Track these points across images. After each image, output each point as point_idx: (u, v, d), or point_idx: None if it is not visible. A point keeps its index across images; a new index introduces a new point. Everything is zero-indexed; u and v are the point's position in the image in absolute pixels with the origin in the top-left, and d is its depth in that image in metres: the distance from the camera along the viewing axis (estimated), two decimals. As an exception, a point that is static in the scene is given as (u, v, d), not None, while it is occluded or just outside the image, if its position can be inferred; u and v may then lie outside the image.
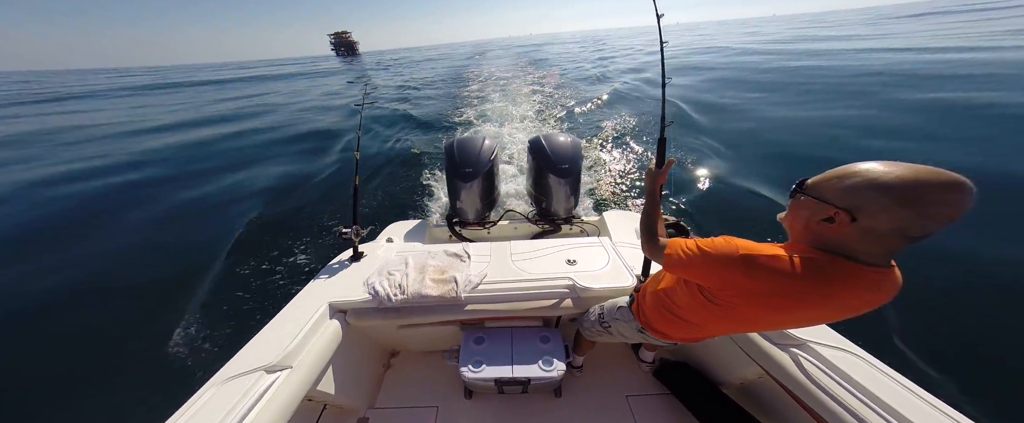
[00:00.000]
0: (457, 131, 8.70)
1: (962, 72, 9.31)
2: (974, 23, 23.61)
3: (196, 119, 12.69)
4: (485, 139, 2.71)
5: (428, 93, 14.47)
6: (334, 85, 23.46)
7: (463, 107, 11.45)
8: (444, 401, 1.86)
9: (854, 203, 0.69)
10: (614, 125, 8.14)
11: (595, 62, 22.81)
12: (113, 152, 8.59)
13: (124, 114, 15.53)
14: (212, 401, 1.14)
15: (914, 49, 14.38)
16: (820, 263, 0.75)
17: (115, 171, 7.18)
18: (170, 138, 9.61)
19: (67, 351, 2.96)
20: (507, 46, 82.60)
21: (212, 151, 8.16)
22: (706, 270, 0.89)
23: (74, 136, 11.01)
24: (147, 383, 2.60)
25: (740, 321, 0.95)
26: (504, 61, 31.08)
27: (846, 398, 1.09)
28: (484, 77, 19.66)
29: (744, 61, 16.65)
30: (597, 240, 2.09)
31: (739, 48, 22.68)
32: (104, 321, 3.26)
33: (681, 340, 1.22)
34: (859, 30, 27.67)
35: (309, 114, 10.73)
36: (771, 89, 10.31)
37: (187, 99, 20.50)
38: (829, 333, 1.33)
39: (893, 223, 0.66)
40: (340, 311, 1.67)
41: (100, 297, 3.55)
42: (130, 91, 28.32)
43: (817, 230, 0.77)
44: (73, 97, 25.89)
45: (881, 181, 0.66)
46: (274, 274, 3.73)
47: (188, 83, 34.27)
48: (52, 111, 18.09)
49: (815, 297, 0.76)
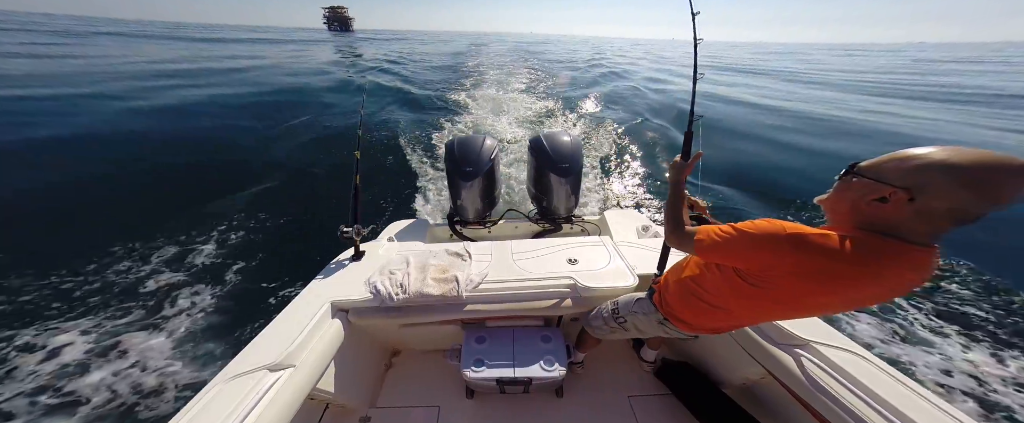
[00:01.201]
0: (457, 126, 8.71)
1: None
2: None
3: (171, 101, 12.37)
4: (486, 138, 2.71)
5: (429, 91, 14.45)
6: (326, 64, 21.85)
7: (463, 100, 11.49)
8: (446, 400, 1.87)
9: (916, 182, 0.71)
10: (614, 123, 8.14)
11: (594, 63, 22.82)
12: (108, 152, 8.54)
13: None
14: (215, 400, 1.14)
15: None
16: (871, 243, 0.76)
17: (115, 172, 7.17)
18: (159, 123, 9.47)
19: (65, 349, 2.96)
20: (504, 40, 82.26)
21: (206, 147, 8.12)
22: (749, 251, 0.90)
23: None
24: (147, 384, 2.60)
25: (778, 302, 0.94)
26: (502, 51, 30.89)
27: (849, 398, 1.09)
28: (482, 68, 19.69)
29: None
30: (598, 239, 2.09)
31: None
32: (103, 320, 3.26)
33: (708, 329, 1.21)
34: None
35: (309, 111, 10.73)
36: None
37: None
38: (832, 333, 1.33)
39: (952, 204, 0.68)
40: (342, 310, 1.67)
41: (100, 296, 3.55)
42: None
43: (866, 210, 0.78)
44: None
45: (949, 163, 0.68)
46: (275, 274, 3.74)
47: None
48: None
49: (866, 276, 0.77)
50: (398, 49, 36.98)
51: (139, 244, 4.35)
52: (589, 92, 12.68)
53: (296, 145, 8.29)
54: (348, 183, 2.09)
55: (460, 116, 9.99)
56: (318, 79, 15.08)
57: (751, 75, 17.92)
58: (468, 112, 10.32)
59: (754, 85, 14.71)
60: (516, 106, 10.86)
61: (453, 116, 10.15)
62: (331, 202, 5.27)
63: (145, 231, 4.81)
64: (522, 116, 9.66)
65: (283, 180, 6.23)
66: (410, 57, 26.40)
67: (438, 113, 10.32)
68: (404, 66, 21.42)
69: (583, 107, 10.36)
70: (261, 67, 17.72)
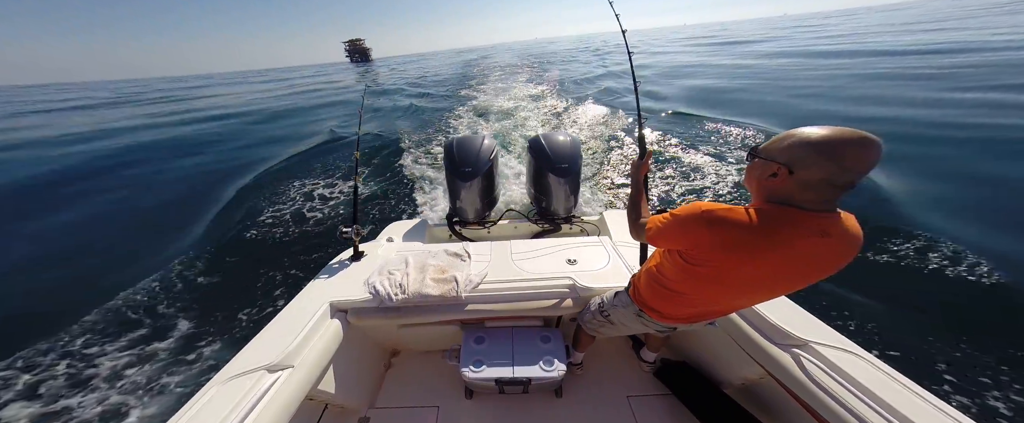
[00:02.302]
0: (458, 128, 8.71)
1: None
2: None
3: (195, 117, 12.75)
4: (484, 138, 2.70)
5: (430, 94, 14.48)
6: (340, 84, 23.69)
7: (465, 101, 11.51)
8: (445, 401, 1.86)
9: (791, 158, 0.83)
10: (614, 123, 8.15)
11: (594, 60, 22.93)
12: (100, 134, 8.58)
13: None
14: (214, 400, 1.14)
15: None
16: (769, 212, 0.88)
17: (113, 167, 7.19)
18: (162, 134, 9.63)
19: (66, 350, 2.96)
20: (509, 49, 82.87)
21: (210, 149, 8.14)
22: (678, 233, 1.02)
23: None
24: (146, 383, 2.60)
25: (717, 281, 1.02)
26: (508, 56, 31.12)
27: (848, 398, 1.09)
28: (485, 73, 19.92)
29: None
30: (597, 239, 2.08)
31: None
32: (102, 320, 3.26)
33: (675, 318, 1.26)
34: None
35: (309, 113, 10.75)
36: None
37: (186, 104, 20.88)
38: (832, 333, 1.33)
39: (821, 174, 0.80)
40: (341, 310, 1.67)
41: (98, 296, 3.55)
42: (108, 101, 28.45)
43: (767, 185, 0.90)
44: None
45: (809, 139, 0.81)
46: (275, 274, 3.73)
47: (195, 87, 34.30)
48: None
49: (777, 243, 0.87)
50: (414, 70, 37.61)
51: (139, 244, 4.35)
52: (587, 91, 12.68)
53: (296, 145, 8.30)
54: (348, 183, 2.09)
55: (460, 117, 10.00)
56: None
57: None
58: (468, 112, 10.32)
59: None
60: (516, 106, 10.87)
61: (453, 116, 10.17)
62: (331, 202, 5.28)
63: (143, 230, 4.81)
64: (522, 116, 9.67)
65: (283, 180, 6.23)
66: (424, 74, 27.03)
67: (438, 113, 10.33)
68: (416, 78, 22.08)
69: (581, 107, 10.37)
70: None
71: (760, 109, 8.52)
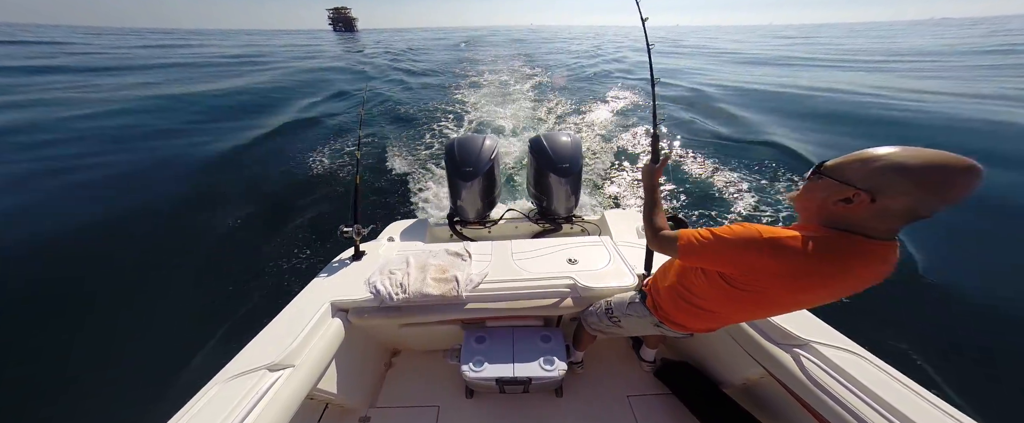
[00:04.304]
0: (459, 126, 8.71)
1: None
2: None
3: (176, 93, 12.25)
4: (485, 138, 2.70)
5: (430, 91, 14.44)
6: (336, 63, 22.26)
7: (463, 99, 11.50)
8: (445, 400, 1.87)
9: (876, 184, 0.74)
10: (614, 122, 8.14)
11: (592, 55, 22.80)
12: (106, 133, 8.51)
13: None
14: (215, 400, 1.14)
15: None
16: (840, 242, 0.80)
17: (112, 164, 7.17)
18: (156, 122, 9.40)
19: (66, 349, 2.96)
20: (510, 32, 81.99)
21: (208, 145, 8.09)
22: (728, 256, 0.92)
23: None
24: (147, 383, 2.60)
25: (760, 305, 0.98)
26: (503, 43, 30.83)
27: (848, 398, 1.09)
28: (482, 63, 19.75)
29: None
30: (598, 239, 2.08)
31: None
32: (100, 319, 3.26)
33: (701, 329, 1.26)
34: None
35: (307, 108, 10.73)
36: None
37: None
38: (832, 333, 1.33)
39: (909, 203, 0.72)
40: (342, 310, 1.67)
41: (96, 294, 3.55)
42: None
43: (834, 210, 0.82)
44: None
45: (905, 164, 0.71)
46: (275, 273, 3.73)
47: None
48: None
49: (835, 272, 0.82)
50: (400, 44, 36.71)
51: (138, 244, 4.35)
52: (587, 89, 12.67)
53: (296, 144, 8.28)
54: (348, 182, 2.10)
55: (460, 116, 9.99)
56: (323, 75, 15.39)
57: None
58: (469, 110, 10.32)
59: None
60: (516, 103, 10.88)
61: (453, 116, 10.16)
62: (331, 202, 5.27)
63: (141, 230, 4.80)
64: (521, 116, 9.67)
65: (283, 179, 6.22)
66: (413, 55, 26.54)
67: (438, 113, 10.33)
68: (407, 63, 21.60)
69: (582, 105, 10.37)
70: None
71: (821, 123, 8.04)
